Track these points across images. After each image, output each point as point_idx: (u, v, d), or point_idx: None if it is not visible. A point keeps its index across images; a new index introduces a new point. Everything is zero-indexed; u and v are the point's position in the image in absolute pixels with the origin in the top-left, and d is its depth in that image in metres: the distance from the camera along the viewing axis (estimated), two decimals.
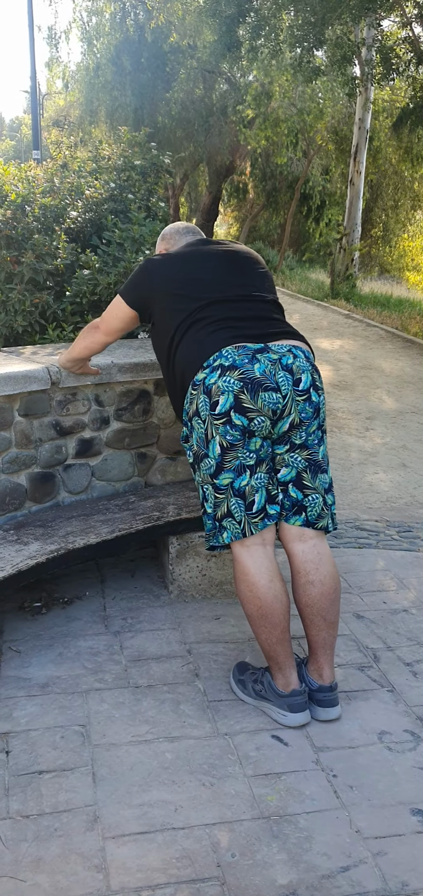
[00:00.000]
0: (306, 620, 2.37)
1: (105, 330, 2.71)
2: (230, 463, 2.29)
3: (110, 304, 2.68)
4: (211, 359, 2.31)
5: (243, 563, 2.33)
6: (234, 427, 2.26)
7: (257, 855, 1.83)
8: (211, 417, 2.29)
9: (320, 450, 2.40)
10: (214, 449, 2.30)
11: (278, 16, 11.38)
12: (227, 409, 2.26)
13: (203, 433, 2.33)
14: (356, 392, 7.33)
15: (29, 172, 4.38)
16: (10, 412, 2.88)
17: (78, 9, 23.51)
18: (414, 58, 11.12)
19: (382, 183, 22.17)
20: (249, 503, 2.30)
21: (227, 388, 2.26)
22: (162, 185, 4.80)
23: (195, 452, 2.39)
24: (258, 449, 2.30)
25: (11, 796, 1.99)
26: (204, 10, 12.76)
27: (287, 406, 2.30)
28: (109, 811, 1.95)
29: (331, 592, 2.36)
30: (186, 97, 20.14)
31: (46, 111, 29.54)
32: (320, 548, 2.38)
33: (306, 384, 2.33)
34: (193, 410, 2.36)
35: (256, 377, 2.26)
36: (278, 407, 2.29)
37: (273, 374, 2.29)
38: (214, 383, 2.28)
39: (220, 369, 2.28)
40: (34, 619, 2.86)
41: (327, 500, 2.41)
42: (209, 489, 2.35)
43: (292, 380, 2.31)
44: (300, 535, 2.38)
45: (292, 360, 2.33)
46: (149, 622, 2.87)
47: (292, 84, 16.56)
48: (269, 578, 2.30)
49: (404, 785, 2.08)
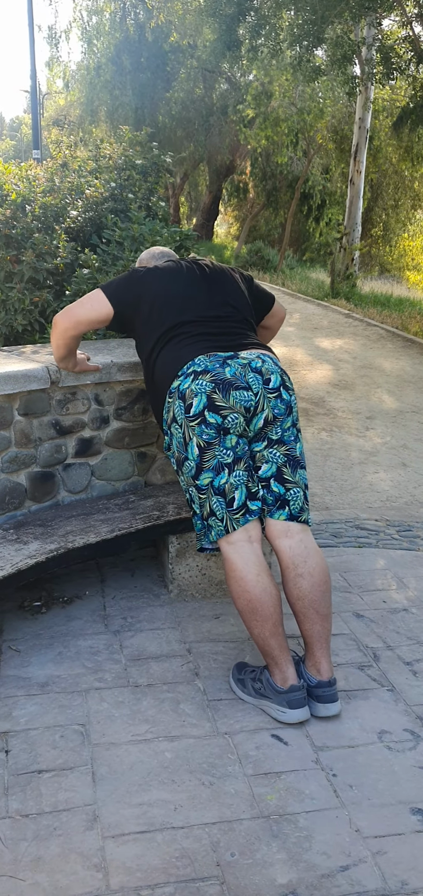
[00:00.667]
0: (300, 615, 2.40)
1: (70, 318, 2.66)
2: (209, 462, 2.38)
3: (84, 296, 2.72)
4: (185, 367, 2.45)
5: (230, 560, 2.39)
6: (208, 426, 2.36)
7: (257, 854, 1.83)
8: (187, 420, 2.39)
9: (297, 446, 2.50)
10: (192, 450, 2.39)
11: (278, 15, 11.38)
12: (201, 409, 2.37)
13: (181, 437, 2.43)
14: (356, 391, 7.33)
15: (29, 172, 4.39)
16: (10, 411, 2.88)
17: (78, 8, 23.51)
18: (414, 57, 11.12)
19: (382, 182, 22.17)
20: (229, 500, 2.37)
21: (200, 389, 2.38)
22: (162, 185, 4.80)
23: (177, 458, 2.49)
24: (234, 446, 2.38)
25: (11, 795, 1.99)
26: (204, 9, 12.77)
27: (259, 402, 2.41)
28: (109, 810, 1.95)
29: (321, 584, 2.40)
30: (186, 96, 20.15)
31: (47, 111, 29.54)
32: (307, 541, 2.44)
33: (275, 383, 2.45)
34: (171, 417, 2.47)
35: (227, 378, 2.39)
36: (251, 404, 2.40)
37: (244, 376, 2.41)
38: (187, 388, 2.41)
39: (193, 375, 2.41)
40: (34, 618, 2.86)
41: (307, 496, 2.50)
42: (193, 491, 2.44)
43: (261, 379, 2.43)
44: (286, 531, 2.44)
45: (260, 363, 2.46)
46: (149, 621, 2.86)
47: (292, 83, 16.56)
48: (256, 573, 2.35)
49: (404, 784, 2.08)
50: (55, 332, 2.74)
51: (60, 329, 2.71)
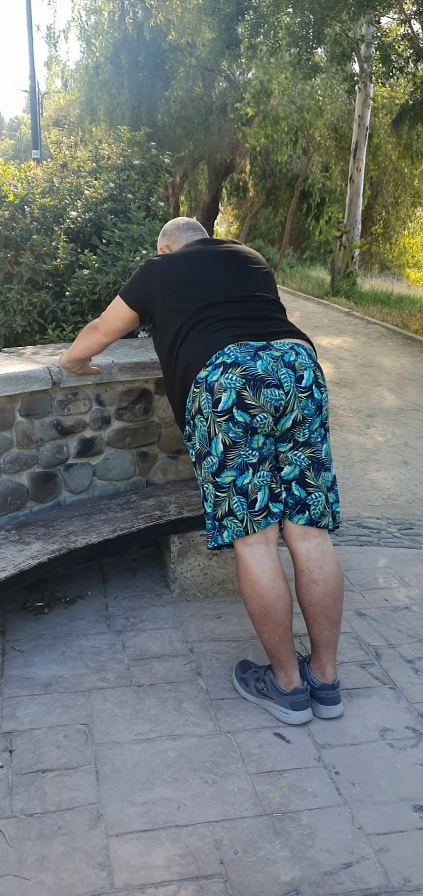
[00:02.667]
0: (310, 619, 2.38)
1: (104, 330, 2.71)
2: (233, 461, 2.29)
3: (110, 305, 2.69)
4: (213, 357, 2.32)
5: (245, 562, 2.33)
6: (236, 424, 2.26)
7: (260, 852, 1.84)
8: (214, 415, 2.29)
9: (323, 447, 2.40)
10: (216, 447, 2.30)
11: (277, 14, 11.38)
12: (229, 406, 2.25)
13: (206, 431, 2.33)
14: (356, 389, 7.33)
15: (29, 173, 4.39)
16: (12, 412, 2.89)
17: (77, 7, 23.49)
18: (413, 54, 11.12)
19: (382, 180, 22.15)
20: (251, 501, 2.30)
21: (229, 384, 2.25)
22: (162, 185, 4.80)
23: (198, 451, 2.39)
24: (261, 447, 2.30)
25: (15, 795, 1.99)
26: (203, 8, 12.77)
27: (290, 402, 2.29)
28: (113, 809, 1.96)
29: (334, 591, 2.36)
30: (185, 95, 20.13)
31: (46, 110, 29.52)
32: (324, 546, 2.39)
33: (308, 381, 2.33)
34: (196, 408, 2.36)
35: (258, 374, 2.26)
36: (281, 403, 2.28)
37: (276, 371, 2.28)
38: (216, 380, 2.28)
39: (222, 366, 2.28)
40: (37, 618, 2.86)
41: (329, 498, 2.41)
42: (210, 488, 2.35)
43: (294, 376, 2.30)
44: (304, 534, 2.38)
45: (294, 357, 2.33)
46: (151, 621, 2.87)
47: (291, 81, 16.55)
48: (272, 577, 2.30)
49: (406, 781, 2.08)
50: (89, 339, 2.75)
51: (100, 343, 2.74)
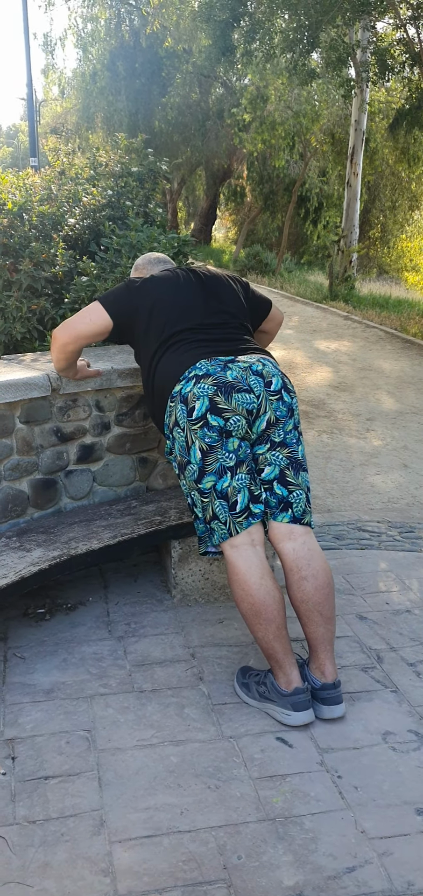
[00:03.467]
0: (303, 617, 2.40)
1: (73, 335, 2.69)
2: (211, 466, 2.38)
3: (82, 310, 2.73)
4: (186, 372, 2.46)
5: (233, 563, 2.39)
6: (211, 429, 2.37)
7: (264, 857, 1.83)
8: (189, 424, 2.40)
9: (299, 449, 2.51)
10: (194, 454, 2.40)
11: (272, 19, 11.41)
12: (203, 412, 2.38)
13: (184, 441, 2.43)
14: (356, 393, 7.34)
15: (27, 180, 4.40)
16: (12, 419, 2.90)
17: (73, 15, 23.62)
18: (409, 59, 11.15)
19: (379, 184, 22.20)
20: (232, 503, 2.38)
21: (202, 393, 2.39)
22: (159, 191, 4.82)
23: (179, 462, 2.49)
24: (237, 449, 2.39)
25: (18, 802, 1.99)
26: (198, 14, 12.81)
27: (262, 405, 2.43)
28: (116, 815, 1.95)
29: (325, 586, 2.40)
30: (182, 102, 20.18)
31: (43, 118, 29.57)
32: (310, 544, 2.45)
33: (277, 386, 2.47)
34: (173, 421, 2.48)
35: (229, 381, 2.40)
36: (253, 406, 2.41)
37: (245, 378, 2.42)
38: (189, 391, 2.41)
39: (194, 378, 2.43)
40: (38, 625, 2.86)
41: (309, 498, 2.51)
42: (196, 495, 2.44)
43: (263, 382, 2.45)
44: (290, 534, 2.44)
45: (261, 367, 2.48)
46: (152, 627, 2.87)
47: (287, 87, 16.59)
48: (259, 576, 2.35)
49: (409, 785, 2.08)
50: (55, 346, 2.75)
51: (60, 344, 2.72)
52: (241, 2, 11.37)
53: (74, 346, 2.73)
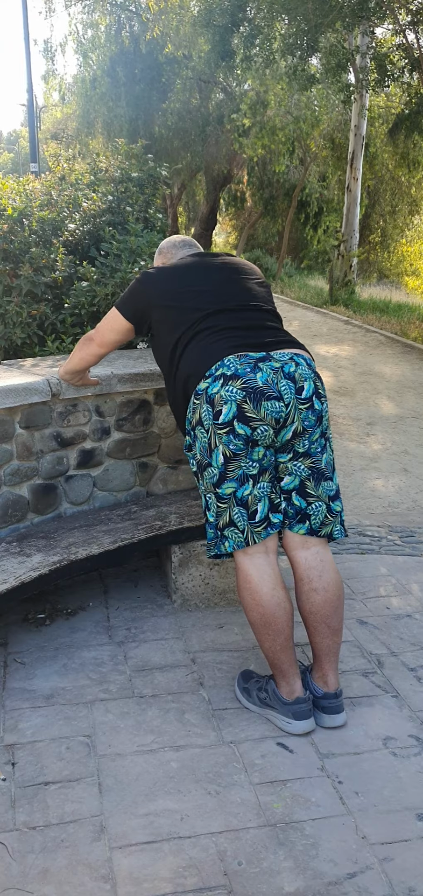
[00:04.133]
0: (310, 628, 2.38)
1: (100, 342, 2.72)
2: (233, 472, 2.29)
3: (106, 316, 2.71)
4: (213, 368, 2.32)
5: (245, 572, 2.33)
6: (237, 436, 2.26)
7: (264, 863, 1.83)
8: (214, 427, 2.29)
9: (323, 458, 2.40)
10: (217, 458, 2.30)
11: (272, 24, 11.44)
12: (230, 418, 2.26)
13: (206, 442, 2.33)
14: (356, 398, 7.34)
15: (27, 186, 4.41)
16: (12, 424, 2.89)
17: (73, 22, 23.65)
18: (408, 64, 11.17)
19: (379, 189, 22.23)
20: (251, 512, 2.30)
21: (230, 397, 2.26)
22: (160, 196, 4.82)
23: (198, 461, 2.40)
24: (261, 458, 2.30)
25: (18, 808, 1.99)
26: (198, 20, 12.85)
27: (290, 414, 2.30)
28: (116, 821, 1.95)
29: (335, 600, 2.36)
30: (182, 107, 20.21)
31: (44, 124, 29.64)
32: (323, 555, 2.39)
33: (308, 392, 2.33)
34: (196, 420, 2.36)
35: (258, 386, 2.26)
36: (281, 416, 2.28)
37: (276, 383, 2.28)
38: (216, 393, 2.28)
39: (222, 378, 2.29)
40: (38, 630, 2.86)
41: (333, 508, 2.41)
42: (212, 498, 2.36)
43: (294, 388, 2.31)
44: (303, 543, 2.39)
45: (294, 367, 2.33)
46: (152, 632, 2.87)
47: (287, 92, 16.63)
48: (272, 586, 2.31)
49: (409, 790, 2.08)
50: (87, 349, 2.76)
51: (94, 354, 2.75)
52: (240, 7, 11.41)
53: (105, 351, 2.76)
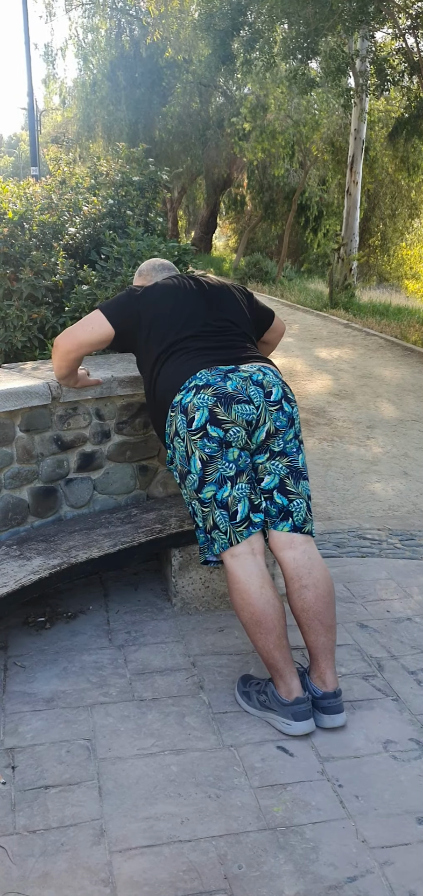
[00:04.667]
0: (304, 626, 2.40)
1: (72, 341, 2.69)
2: (211, 476, 2.38)
3: (83, 319, 2.74)
4: (187, 381, 2.46)
5: (233, 573, 2.39)
6: (211, 440, 2.37)
7: (264, 866, 1.83)
8: (189, 434, 2.40)
9: (300, 458, 2.51)
10: (195, 464, 2.41)
11: (272, 28, 11.47)
12: (203, 423, 2.38)
13: (184, 451, 2.44)
14: (356, 401, 7.34)
15: (27, 190, 4.41)
16: (12, 428, 2.90)
17: (74, 26, 23.74)
18: (408, 68, 11.19)
19: (379, 192, 22.25)
20: (232, 513, 2.38)
21: (202, 403, 2.39)
22: (160, 200, 4.83)
23: (180, 471, 2.50)
24: (237, 459, 2.39)
25: (18, 811, 1.99)
26: (198, 24, 12.88)
27: (261, 416, 2.43)
28: (116, 825, 1.95)
29: (326, 595, 2.40)
30: (182, 111, 20.26)
31: (44, 127, 29.68)
32: (311, 553, 2.45)
33: (277, 396, 2.47)
34: (173, 431, 2.48)
35: (228, 392, 2.40)
36: (253, 417, 2.41)
37: (245, 389, 2.42)
38: (189, 401, 2.42)
39: (195, 388, 2.43)
40: (38, 633, 2.86)
41: (310, 507, 2.51)
42: (196, 504, 2.45)
43: (263, 392, 2.44)
44: (290, 543, 2.44)
45: (261, 376, 2.47)
46: (153, 635, 2.87)
47: (287, 96, 16.66)
48: (259, 585, 2.35)
49: (410, 794, 2.08)
50: (56, 354, 2.76)
51: (62, 352, 2.74)
52: (241, 11, 11.43)
53: (75, 353, 2.74)
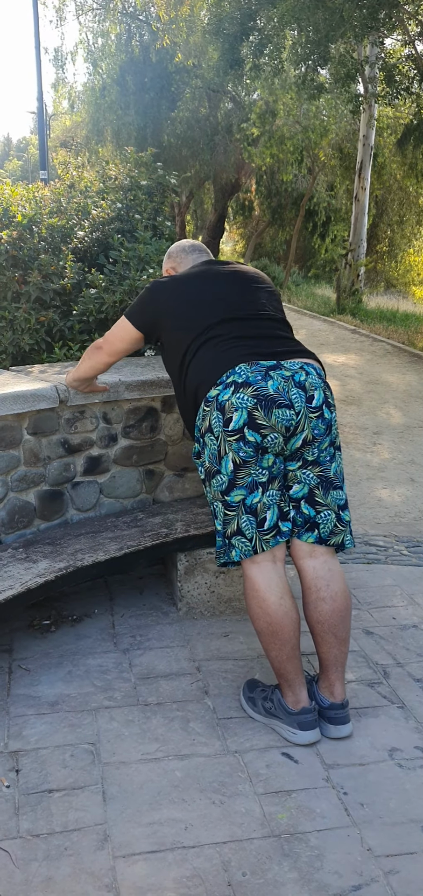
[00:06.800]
0: (317, 637, 2.37)
1: (108, 350, 2.74)
2: (243, 480, 2.29)
3: (115, 325, 2.72)
4: (224, 376, 2.32)
5: (252, 580, 2.33)
6: (247, 444, 2.26)
7: (268, 874, 1.82)
8: (224, 434, 2.29)
9: (333, 466, 2.39)
10: (226, 465, 2.30)
11: (281, 34, 11.49)
12: (241, 425, 2.26)
13: (216, 449, 2.33)
14: (363, 407, 7.33)
15: (37, 193, 4.43)
16: (19, 430, 2.90)
17: (84, 30, 23.77)
18: (417, 75, 11.19)
19: (387, 199, 22.26)
20: (260, 520, 2.30)
21: (241, 404, 2.26)
22: (168, 204, 4.84)
23: (207, 469, 2.39)
24: (271, 466, 2.30)
25: (22, 815, 1.98)
26: (208, 29, 12.90)
27: (300, 422, 2.30)
28: (120, 830, 1.94)
29: (342, 609, 2.35)
30: (191, 116, 20.31)
31: (53, 131, 29.81)
32: (331, 564, 2.38)
33: (319, 401, 2.33)
34: (206, 427, 2.36)
35: (269, 394, 2.27)
36: (292, 424, 2.29)
37: (287, 391, 2.29)
38: (227, 400, 2.28)
39: (233, 386, 2.29)
40: (43, 637, 2.86)
41: (343, 517, 2.40)
42: (219, 506, 2.36)
43: (305, 396, 2.31)
44: (311, 552, 2.38)
45: (304, 377, 2.33)
46: (158, 640, 2.86)
47: (296, 102, 16.68)
48: (279, 595, 2.30)
49: (415, 802, 2.06)
50: (95, 357, 2.77)
51: (103, 362, 2.77)
52: (250, 17, 11.45)
53: (113, 360, 2.77)
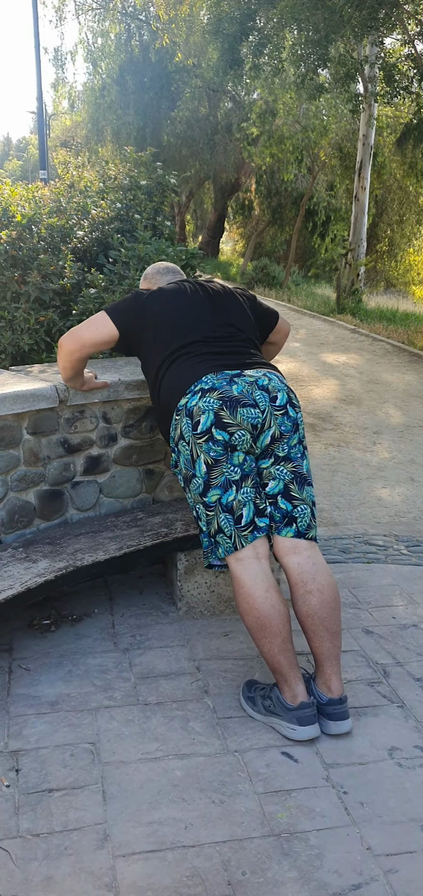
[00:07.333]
0: (309, 632, 2.39)
1: (76, 341, 2.71)
2: (216, 479, 2.39)
3: (88, 320, 2.76)
4: (192, 385, 2.46)
5: (238, 577, 2.39)
6: (216, 443, 2.37)
7: (268, 873, 1.82)
8: (194, 437, 2.41)
9: (304, 463, 2.51)
10: (200, 468, 2.41)
11: (281, 34, 11.48)
12: (208, 426, 2.38)
13: (189, 454, 2.44)
14: (363, 406, 7.33)
15: (36, 193, 4.43)
16: (19, 430, 2.90)
17: (84, 30, 23.83)
18: (417, 74, 11.19)
19: (387, 198, 22.25)
20: (237, 517, 2.38)
21: (207, 407, 2.39)
22: (168, 204, 4.84)
23: (184, 475, 2.50)
24: (242, 463, 2.40)
25: (21, 815, 1.98)
26: (208, 28, 12.90)
27: (266, 420, 2.42)
28: (119, 829, 1.94)
29: (330, 601, 2.39)
30: (191, 116, 20.32)
31: (53, 131, 29.80)
32: (315, 558, 2.44)
33: (282, 401, 2.47)
34: (178, 435, 2.48)
35: (234, 395, 2.40)
36: (258, 421, 2.41)
37: (250, 393, 2.42)
38: (195, 405, 2.42)
39: (200, 392, 2.43)
40: (43, 636, 2.86)
41: (314, 513, 2.50)
42: (201, 508, 2.45)
43: (268, 397, 2.44)
44: (294, 548, 2.44)
45: (266, 381, 2.47)
46: (158, 639, 2.86)
47: (295, 101, 16.68)
48: (264, 589, 2.35)
49: (415, 801, 2.06)
50: (61, 354, 2.78)
51: (65, 352, 2.75)
52: (249, 16, 11.45)
53: (79, 354, 2.75)
